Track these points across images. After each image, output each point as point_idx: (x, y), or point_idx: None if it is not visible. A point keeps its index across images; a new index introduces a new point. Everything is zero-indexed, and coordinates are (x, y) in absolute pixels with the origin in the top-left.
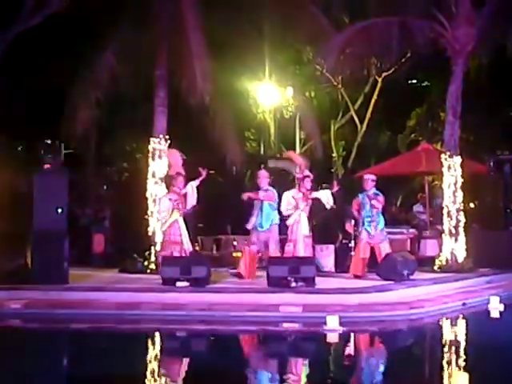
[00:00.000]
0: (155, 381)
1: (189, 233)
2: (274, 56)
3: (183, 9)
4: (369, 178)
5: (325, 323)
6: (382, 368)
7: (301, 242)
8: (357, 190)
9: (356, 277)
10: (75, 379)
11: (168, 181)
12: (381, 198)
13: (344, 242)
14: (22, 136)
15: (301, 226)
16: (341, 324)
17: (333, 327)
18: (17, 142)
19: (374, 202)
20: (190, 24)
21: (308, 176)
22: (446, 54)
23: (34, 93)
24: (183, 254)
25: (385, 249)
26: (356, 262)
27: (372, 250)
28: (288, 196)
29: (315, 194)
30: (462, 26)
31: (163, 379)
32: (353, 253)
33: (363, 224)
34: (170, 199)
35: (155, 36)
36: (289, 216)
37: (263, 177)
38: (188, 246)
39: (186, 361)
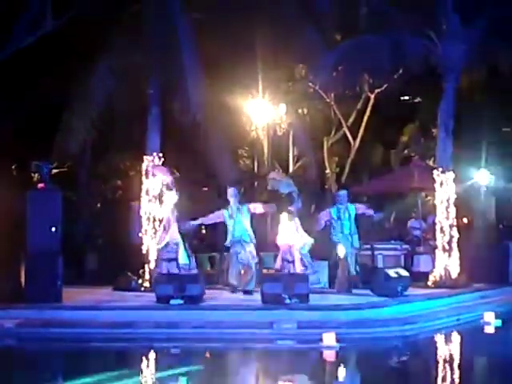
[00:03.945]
0: None
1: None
2: (266, 73)
3: (176, 28)
4: (345, 194)
5: (320, 340)
6: None
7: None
8: None
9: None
10: None
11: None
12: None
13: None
14: (15, 155)
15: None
16: (336, 341)
17: (329, 344)
18: (10, 161)
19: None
20: (183, 43)
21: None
22: (437, 71)
23: (29, 112)
24: (180, 270)
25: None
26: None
27: None
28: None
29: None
30: (453, 43)
31: None
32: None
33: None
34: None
35: (148, 55)
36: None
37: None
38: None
39: (180, 379)
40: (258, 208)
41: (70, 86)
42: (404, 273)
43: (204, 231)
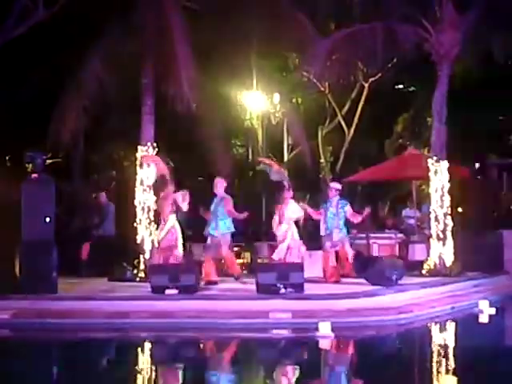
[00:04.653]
0: None
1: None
2: (260, 63)
3: (169, 17)
4: (333, 187)
5: (316, 329)
6: (373, 373)
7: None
8: (345, 196)
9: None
10: None
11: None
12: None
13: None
14: (8, 146)
15: (293, 233)
16: (331, 330)
17: (325, 333)
18: (4, 152)
19: (353, 218)
20: (177, 32)
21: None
22: (431, 59)
23: (21, 103)
24: (176, 260)
25: (348, 252)
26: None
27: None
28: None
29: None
30: (447, 30)
31: None
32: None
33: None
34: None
35: (141, 44)
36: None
37: (221, 184)
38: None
39: (175, 369)
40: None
41: (62, 76)
42: (399, 262)
43: None
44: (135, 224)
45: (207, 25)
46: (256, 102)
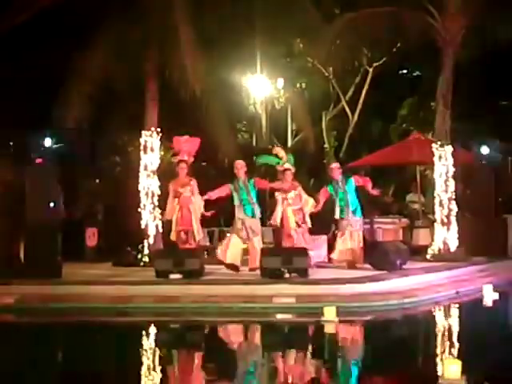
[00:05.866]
0: (150, 374)
1: None
2: (265, 48)
3: (173, 2)
4: (335, 167)
5: (321, 314)
6: (377, 357)
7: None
8: None
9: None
10: (69, 374)
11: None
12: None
13: (336, 232)
14: (13, 131)
15: (288, 220)
16: (336, 314)
17: (329, 318)
18: (8, 137)
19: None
20: (181, 17)
21: (289, 169)
22: (436, 44)
23: (25, 88)
24: (191, 241)
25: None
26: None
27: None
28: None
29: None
30: (452, 16)
31: (158, 372)
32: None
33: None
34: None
35: (145, 29)
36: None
37: (242, 167)
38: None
39: (180, 353)
40: (262, 183)
41: (67, 62)
42: (403, 246)
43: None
44: (139, 209)
45: (212, 9)
46: (260, 87)
